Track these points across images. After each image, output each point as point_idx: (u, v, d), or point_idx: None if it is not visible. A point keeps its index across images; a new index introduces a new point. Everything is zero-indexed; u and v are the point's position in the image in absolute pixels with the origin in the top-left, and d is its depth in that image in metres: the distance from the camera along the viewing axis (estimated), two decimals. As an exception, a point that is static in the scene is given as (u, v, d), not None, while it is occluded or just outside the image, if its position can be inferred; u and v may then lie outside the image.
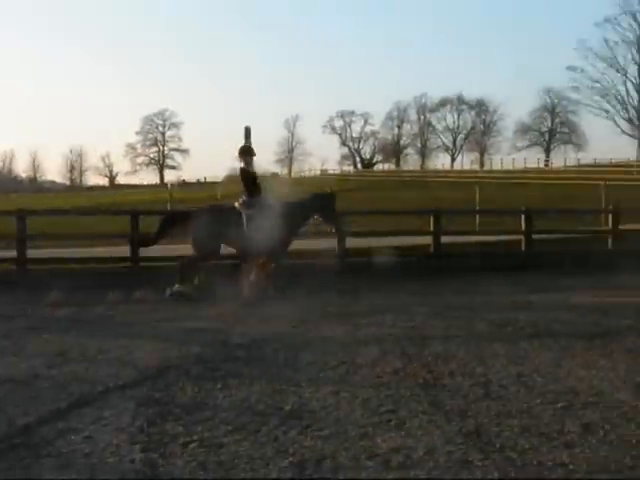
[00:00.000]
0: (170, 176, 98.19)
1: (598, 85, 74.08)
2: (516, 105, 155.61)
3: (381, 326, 8.04)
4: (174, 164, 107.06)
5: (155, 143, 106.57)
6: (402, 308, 9.19)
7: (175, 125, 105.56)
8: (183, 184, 79.78)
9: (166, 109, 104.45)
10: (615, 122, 74.41)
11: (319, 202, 11.19)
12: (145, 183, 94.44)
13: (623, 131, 74.42)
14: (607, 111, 74.39)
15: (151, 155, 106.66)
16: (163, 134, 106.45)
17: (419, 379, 5.77)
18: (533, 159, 72.95)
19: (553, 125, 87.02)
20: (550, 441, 4.30)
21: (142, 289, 10.28)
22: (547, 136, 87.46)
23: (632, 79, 73.79)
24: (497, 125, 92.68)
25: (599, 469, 3.85)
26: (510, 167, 66.54)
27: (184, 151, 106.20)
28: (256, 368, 6.15)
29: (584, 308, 9.16)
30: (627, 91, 73.96)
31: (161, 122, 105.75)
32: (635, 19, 72.20)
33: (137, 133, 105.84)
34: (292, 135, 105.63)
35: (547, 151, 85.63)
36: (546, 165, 68.31)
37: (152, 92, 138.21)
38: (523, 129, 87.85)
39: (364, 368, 6.15)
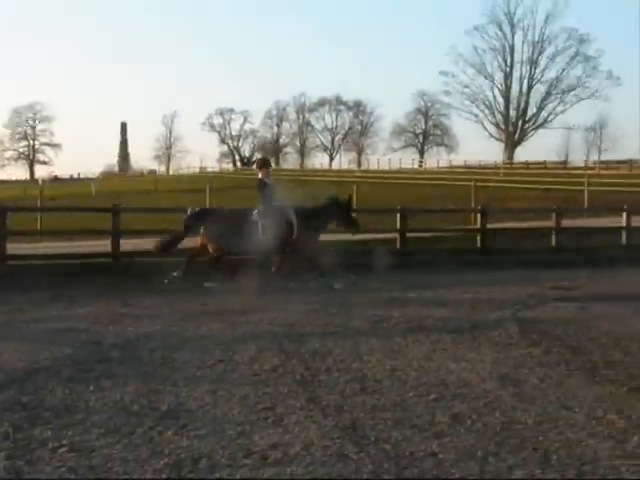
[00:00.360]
0: (41, 172, 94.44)
1: (468, 90, 77.70)
2: (392, 107, 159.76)
3: (259, 324, 8.04)
4: (45, 159, 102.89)
5: (25, 137, 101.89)
6: (280, 305, 9.23)
7: (47, 119, 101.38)
8: (55, 180, 76.80)
9: (37, 102, 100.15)
10: (483, 126, 78.18)
11: (335, 208, 11.53)
12: (14, 179, 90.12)
13: (491, 135, 78.26)
14: (476, 115, 78.15)
15: (20, 149, 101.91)
16: (33, 128, 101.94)
17: (297, 376, 5.81)
18: (408, 160, 75.34)
19: (427, 127, 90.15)
20: (422, 432, 4.45)
21: (8, 289, 9.80)
22: (421, 138, 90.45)
23: (499, 85, 77.81)
24: (374, 126, 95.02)
25: (466, 457, 4.01)
26: (386, 167, 68.31)
27: (56, 146, 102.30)
28: (131, 368, 5.99)
29: (455, 304, 9.52)
30: (494, 97, 77.94)
31: (31, 115, 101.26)
32: (501, 29, 76.16)
33: (5, 126, 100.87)
34: (170, 132, 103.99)
35: (421, 152, 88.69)
36: (420, 166, 70.62)
37: (22, 84, 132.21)
38: (399, 130, 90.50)
39: (242, 366, 6.13)
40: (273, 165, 12.34)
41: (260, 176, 11.59)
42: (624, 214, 15.96)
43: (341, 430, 4.47)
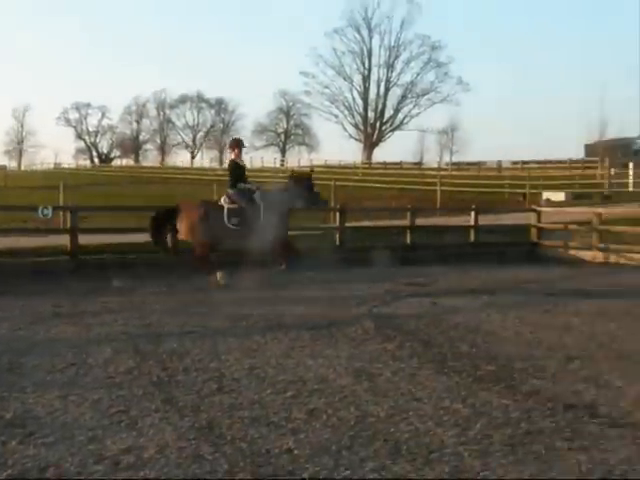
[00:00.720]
0: None
1: (328, 91, 78.92)
2: (254, 105, 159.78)
3: (115, 325, 7.81)
4: None
5: None
6: (138, 306, 9.02)
7: None
8: None
9: None
10: (343, 126, 79.79)
11: (300, 186, 11.40)
12: None
13: (350, 135, 80.00)
14: (336, 116, 79.57)
15: None
16: None
17: (153, 377, 5.69)
18: (270, 158, 75.62)
19: (288, 126, 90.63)
20: (278, 429, 4.48)
21: None
22: (283, 137, 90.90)
23: (357, 87, 79.57)
24: (236, 124, 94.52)
25: (321, 451, 4.08)
26: (248, 166, 68.36)
27: None
28: (-27, 376, 5.65)
29: (313, 301, 9.68)
30: (353, 98, 79.64)
31: None
32: (359, 32, 77.98)
33: None
34: (22, 126, 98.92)
35: (283, 151, 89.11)
36: (282, 165, 71.05)
37: None
38: (260, 129, 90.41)
39: (95, 369, 5.93)
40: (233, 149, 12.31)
41: (233, 157, 11.52)
42: (472, 213, 16.81)
43: (197, 430, 4.43)
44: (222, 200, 11.19)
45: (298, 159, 76.90)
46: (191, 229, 11.09)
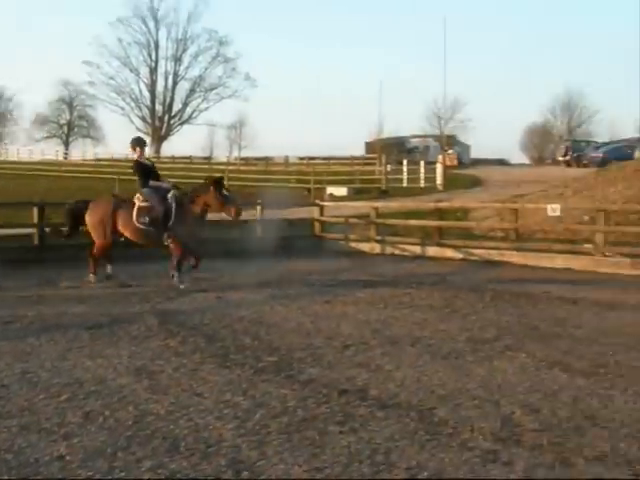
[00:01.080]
0: None
1: (113, 82, 76.35)
2: (35, 94, 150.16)
3: None
4: None
5: None
6: None
7: None
8: None
9: None
10: (130, 119, 77.61)
11: (212, 189, 10.67)
12: None
13: (138, 128, 77.94)
14: (123, 108, 77.24)
15: None
16: None
17: None
18: (51, 151, 71.59)
19: (72, 118, 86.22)
20: (49, 435, 4.28)
21: None
22: (66, 129, 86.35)
23: (144, 80, 77.85)
24: (13, 114, 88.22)
25: (95, 455, 3.95)
26: (27, 158, 64.37)
27: None
28: None
29: (96, 299, 9.36)
30: (140, 91, 77.78)
31: None
32: (145, 23, 76.23)
33: None
34: None
35: (66, 144, 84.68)
36: (65, 158, 67.66)
37: None
38: (41, 120, 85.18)
39: None
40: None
41: (136, 157, 10.99)
42: (258, 207, 17.10)
43: (-47, 446, 4.10)
44: (135, 198, 10.71)
45: (83, 152, 73.55)
46: (95, 224, 10.69)
